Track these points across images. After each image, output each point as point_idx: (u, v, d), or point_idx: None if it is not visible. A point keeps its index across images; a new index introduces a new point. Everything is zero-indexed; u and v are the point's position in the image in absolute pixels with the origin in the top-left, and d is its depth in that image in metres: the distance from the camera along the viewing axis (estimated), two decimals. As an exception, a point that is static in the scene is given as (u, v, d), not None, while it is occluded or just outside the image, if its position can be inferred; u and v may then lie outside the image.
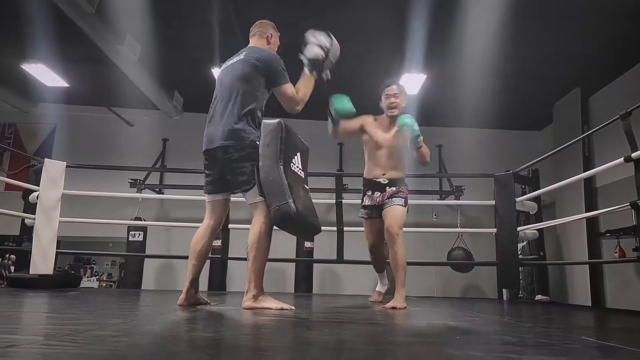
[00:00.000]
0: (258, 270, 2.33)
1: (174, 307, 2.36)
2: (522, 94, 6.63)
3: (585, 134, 4.44)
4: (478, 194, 6.58)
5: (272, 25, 2.75)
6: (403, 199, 3.09)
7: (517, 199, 4.49)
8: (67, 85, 6.57)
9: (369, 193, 3.21)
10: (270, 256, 2.40)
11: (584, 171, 5.49)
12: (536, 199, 4.88)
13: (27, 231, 4.46)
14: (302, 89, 2.56)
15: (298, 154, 2.47)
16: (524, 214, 5.43)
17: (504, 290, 6.31)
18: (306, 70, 2.62)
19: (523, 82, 6.30)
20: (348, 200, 4.81)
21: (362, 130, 3.31)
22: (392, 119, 3.23)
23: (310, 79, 2.60)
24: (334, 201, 4.79)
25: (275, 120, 2.39)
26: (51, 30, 4.86)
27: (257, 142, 2.38)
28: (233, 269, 6.42)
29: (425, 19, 4.67)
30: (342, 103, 3.07)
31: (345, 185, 6.55)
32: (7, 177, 6.50)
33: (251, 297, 2.29)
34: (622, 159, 2.94)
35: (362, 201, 3.26)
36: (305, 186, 2.47)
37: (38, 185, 4.27)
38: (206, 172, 2.50)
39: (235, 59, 2.59)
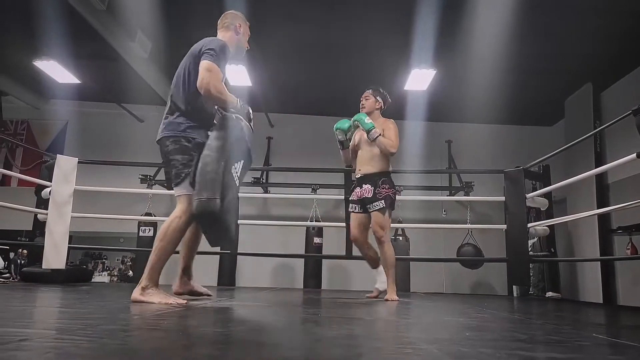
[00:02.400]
0: (155, 263, 2.25)
1: (184, 302, 2.37)
2: (533, 89, 6.57)
3: (597, 130, 4.38)
4: (488, 190, 6.55)
5: (240, 15, 2.62)
6: (383, 200, 3.30)
7: (528, 195, 4.46)
8: (79, 81, 6.63)
9: (354, 189, 3.53)
10: (280, 252, 2.42)
11: (596, 167, 5.43)
12: (547, 195, 4.85)
13: (39, 226, 4.52)
14: (222, 87, 2.32)
15: (242, 162, 2.36)
16: (535, 210, 5.40)
17: (514, 287, 6.28)
18: (237, 100, 2.44)
19: (534, 77, 6.24)
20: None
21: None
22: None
23: (233, 100, 2.39)
24: (342, 197, 4.79)
25: (243, 122, 2.35)
26: (63, 27, 4.89)
27: (194, 136, 2.31)
28: (242, 265, 6.46)
29: (435, 13, 4.64)
30: (342, 123, 3.46)
31: (354, 181, 6.55)
32: (20, 173, 6.57)
33: (140, 289, 2.22)
34: (634, 155, 2.91)
35: (350, 196, 3.59)
36: (237, 195, 2.36)
37: (50, 181, 4.31)
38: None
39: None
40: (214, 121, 2.41)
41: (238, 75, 6.11)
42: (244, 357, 0.97)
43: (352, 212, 3.51)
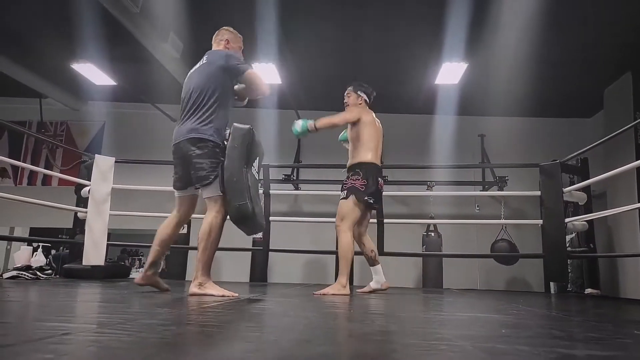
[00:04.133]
0: (206, 261, 2.50)
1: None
2: (570, 80, 6.37)
3: (637, 121, 4.22)
4: (523, 185, 6.40)
5: (230, 30, 2.92)
6: (345, 190, 3.26)
7: (565, 189, 4.34)
8: (115, 83, 6.81)
9: None
10: (311, 248, 2.47)
11: (637, 159, 5.22)
12: (585, 189, 4.70)
13: (79, 224, 4.68)
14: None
15: (257, 158, 2.69)
16: (572, 205, 5.24)
17: (552, 284, 6.12)
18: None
19: (570, 67, 6.04)
20: (388, 192, 4.78)
21: None
22: None
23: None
24: (373, 193, 4.76)
25: (247, 126, 2.59)
26: (98, 31, 5.04)
27: (219, 141, 2.56)
28: (274, 261, 6.52)
29: (466, 5, 4.55)
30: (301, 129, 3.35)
31: (385, 177, 6.50)
32: (60, 172, 6.82)
33: (197, 284, 2.47)
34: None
35: None
36: (259, 188, 2.79)
37: (89, 180, 4.46)
38: (174, 169, 2.73)
39: (199, 64, 2.77)
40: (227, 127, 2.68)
41: (268, 74, 6.15)
42: (277, 353, 0.99)
43: None
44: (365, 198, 3.23)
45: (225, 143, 2.58)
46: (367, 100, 3.53)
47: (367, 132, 3.35)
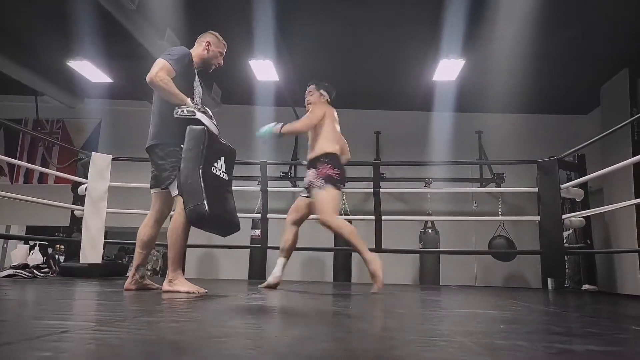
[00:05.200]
0: (173, 257, 2.57)
1: (215, 296, 2.43)
2: (567, 76, 6.38)
3: (634, 117, 4.22)
4: (520, 181, 6.41)
5: (215, 35, 2.90)
6: (322, 180, 3.13)
7: (562, 186, 4.35)
8: (111, 80, 6.79)
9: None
10: (309, 245, 2.47)
11: (633, 155, 5.23)
12: (583, 186, 4.72)
13: (76, 222, 4.67)
14: (172, 84, 2.54)
15: (222, 158, 2.62)
16: (570, 201, 5.25)
17: (549, 280, 6.14)
18: (193, 104, 2.61)
19: (567, 64, 6.05)
20: (386, 189, 4.78)
21: None
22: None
23: (181, 97, 2.56)
24: (371, 190, 4.77)
25: (200, 127, 2.52)
26: (95, 28, 5.01)
27: (179, 142, 2.53)
28: (272, 259, 6.51)
29: (463, 1, 4.55)
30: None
31: (382, 174, 6.51)
32: (57, 170, 6.79)
33: (167, 281, 2.54)
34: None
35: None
36: (228, 188, 2.66)
37: (86, 177, 4.45)
38: (151, 169, 2.73)
39: None
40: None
41: (265, 71, 6.14)
42: (276, 350, 0.98)
43: (301, 195, 3.39)
44: (340, 185, 3.19)
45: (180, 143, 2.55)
46: (329, 99, 3.49)
47: (330, 125, 3.31)
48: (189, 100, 2.57)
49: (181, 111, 2.52)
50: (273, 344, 1.05)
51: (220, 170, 2.59)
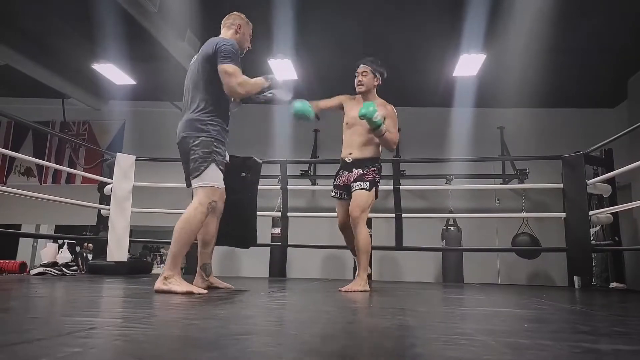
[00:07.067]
0: (175, 253, 2.33)
1: (237, 293, 2.45)
2: (591, 69, 6.23)
3: (664, 110, 4.11)
4: (544, 177, 6.28)
5: (242, 17, 2.81)
6: (368, 182, 3.04)
7: (589, 181, 4.25)
8: (134, 82, 6.91)
9: (340, 172, 3.25)
10: (329, 243, 2.44)
11: (664, 150, 5.10)
12: (610, 181, 4.60)
13: (103, 221, 4.76)
14: (248, 78, 2.54)
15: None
16: (597, 197, 5.13)
17: (575, 278, 6.01)
18: (263, 78, 2.65)
19: (591, 56, 5.90)
20: (406, 186, 4.75)
21: (342, 108, 3.34)
22: (364, 98, 3.19)
23: (260, 81, 2.61)
24: (391, 187, 4.75)
25: (260, 161, 3.08)
26: (118, 32, 5.10)
27: (213, 133, 2.48)
28: (292, 257, 6.54)
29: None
30: (304, 107, 3.15)
31: (402, 171, 6.47)
32: (84, 171, 6.95)
33: (162, 279, 2.28)
34: None
35: (334, 180, 3.29)
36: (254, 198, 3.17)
37: (111, 178, 4.54)
38: (183, 167, 2.63)
39: (196, 56, 2.71)
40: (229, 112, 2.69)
41: (284, 69, 6.16)
42: (298, 347, 0.99)
43: (336, 198, 3.25)
44: (377, 195, 3.12)
45: (219, 136, 2.51)
46: (380, 84, 3.21)
47: None
48: (264, 78, 2.64)
49: (265, 95, 2.66)
50: (293, 341, 1.06)
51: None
